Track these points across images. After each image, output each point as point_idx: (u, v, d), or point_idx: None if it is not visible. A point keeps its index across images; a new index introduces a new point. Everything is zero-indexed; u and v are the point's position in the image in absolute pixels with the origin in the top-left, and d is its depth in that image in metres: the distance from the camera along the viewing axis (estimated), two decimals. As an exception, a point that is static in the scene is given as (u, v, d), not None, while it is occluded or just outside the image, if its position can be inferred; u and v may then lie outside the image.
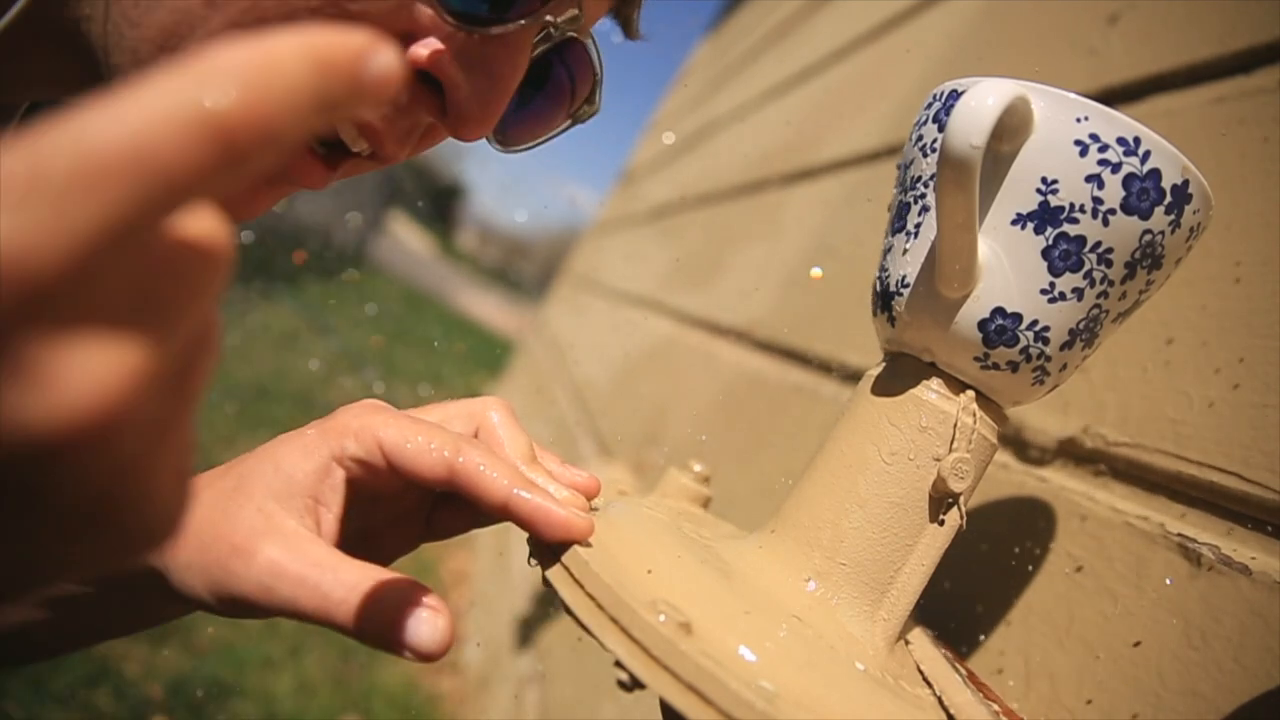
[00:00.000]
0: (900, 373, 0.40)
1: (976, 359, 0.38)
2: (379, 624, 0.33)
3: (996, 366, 0.38)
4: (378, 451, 0.37)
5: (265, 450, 0.38)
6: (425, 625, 0.33)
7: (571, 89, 0.44)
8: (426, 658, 0.33)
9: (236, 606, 0.35)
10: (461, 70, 0.37)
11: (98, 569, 0.18)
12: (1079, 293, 0.37)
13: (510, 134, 0.44)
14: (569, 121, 0.46)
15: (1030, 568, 0.51)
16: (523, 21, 0.37)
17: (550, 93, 0.44)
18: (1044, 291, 0.37)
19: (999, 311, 0.37)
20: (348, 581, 0.33)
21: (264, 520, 0.35)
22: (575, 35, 0.40)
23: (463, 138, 0.39)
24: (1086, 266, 0.36)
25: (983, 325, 0.37)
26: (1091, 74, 0.70)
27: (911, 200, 0.40)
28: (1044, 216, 0.36)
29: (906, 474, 0.38)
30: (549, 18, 0.38)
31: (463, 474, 0.36)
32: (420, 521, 0.43)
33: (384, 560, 0.42)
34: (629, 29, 0.44)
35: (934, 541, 0.38)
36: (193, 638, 1.76)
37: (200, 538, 0.35)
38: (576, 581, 0.34)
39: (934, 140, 0.38)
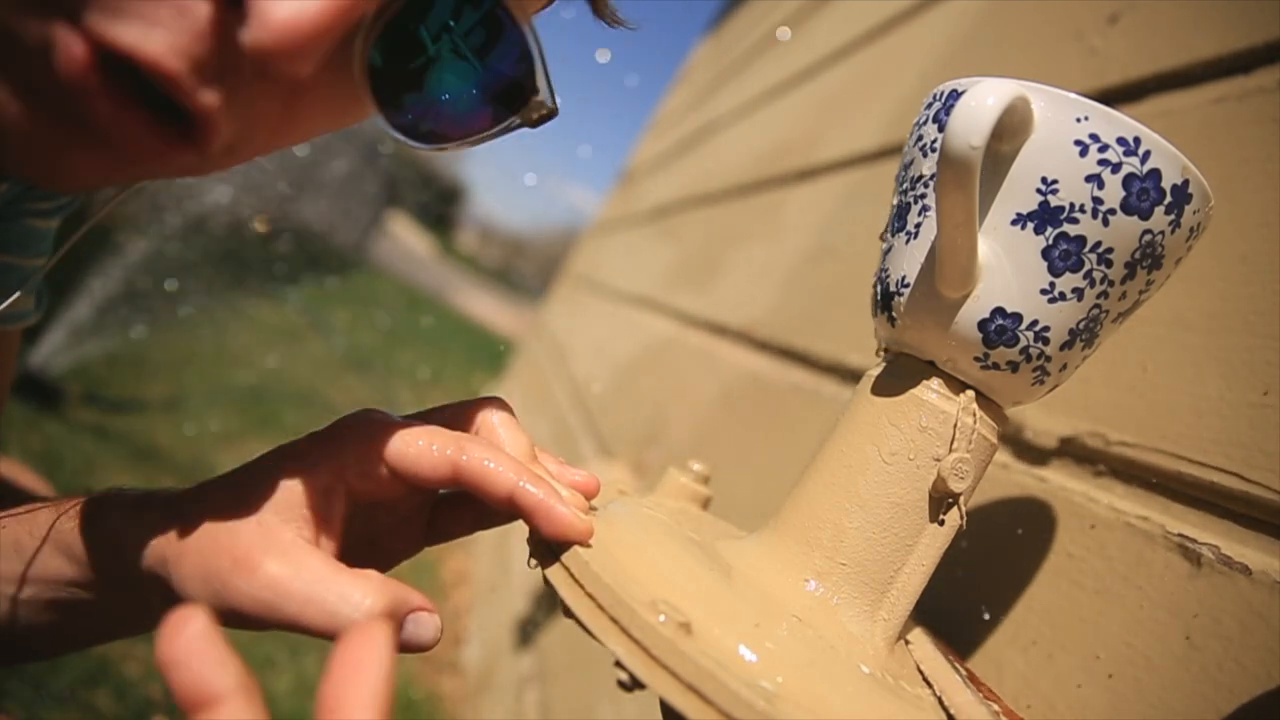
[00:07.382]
0: (900, 373, 0.40)
1: (976, 359, 0.38)
2: None
3: (996, 366, 0.38)
4: (379, 461, 0.37)
5: (265, 462, 0.38)
6: (424, 628, 0.35)
7: (501, 77, 0.34)
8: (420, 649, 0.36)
9: (237, 619, 0.35)
10: None
11: None
12: (1079, 293, 0.37)
13: (431, 127, 0.34)
14: (513, 118, 0.35)
15: (1030, 568, 0.51)
16: None
17: (473, 80, 0.33)
18: (1044, 291, 0.37)
19: (999, 311, 0.37)
20: (349, 596, 0.33)
21: (263, 534, 0.35)
22: None
23: (264, 51, 0.25)
24: (1086, 266, 0.36)
25: (983, 325, 0.37)
26: (1091, 74, 0.70)
27: (911, 200, 0.40)
28: (1044, 216, 0.36)
29: (906, 474, 0.38)
30: None
31: (467, 470, 0.36)
32: (422, 525, 0.43)
33: (387, 565, 0.42)
34: (599, 8, 0.36)
35: (934, 541, 0.38)
36: (193, 638, 1.75)
37: (201, 550, 0.35)
38: (576, 581, 0.34)
39: (934, 140, 0.38)
